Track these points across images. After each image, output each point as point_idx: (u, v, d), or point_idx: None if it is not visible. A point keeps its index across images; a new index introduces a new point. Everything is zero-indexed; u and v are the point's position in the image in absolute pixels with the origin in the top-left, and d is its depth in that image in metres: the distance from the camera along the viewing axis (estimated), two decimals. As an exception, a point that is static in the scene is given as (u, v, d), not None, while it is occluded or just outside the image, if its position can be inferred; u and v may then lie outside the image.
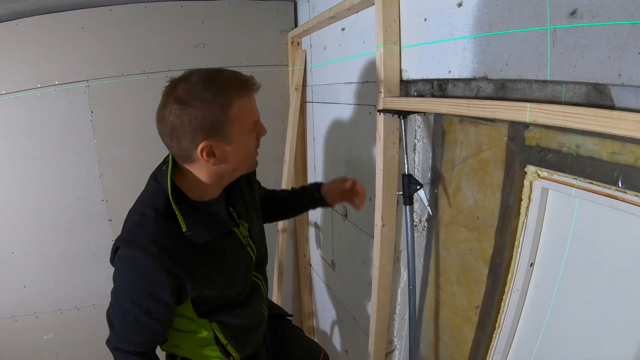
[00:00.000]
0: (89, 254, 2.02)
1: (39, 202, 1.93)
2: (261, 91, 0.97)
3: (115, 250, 0.87)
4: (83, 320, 2.08)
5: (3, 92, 1.81)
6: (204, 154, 0.82)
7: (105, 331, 2.27)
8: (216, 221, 0.93)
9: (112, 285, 2.08)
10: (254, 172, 1.15)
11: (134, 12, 1.86)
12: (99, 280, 2.04)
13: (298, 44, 2.01)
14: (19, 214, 1.92)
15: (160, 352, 0.99)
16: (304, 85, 2.02)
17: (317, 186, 1.30)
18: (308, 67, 1.97)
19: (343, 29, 1.53)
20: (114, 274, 0.89)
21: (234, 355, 1.03)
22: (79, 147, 1.91)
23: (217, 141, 0.82)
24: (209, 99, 0.79)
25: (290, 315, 1.38)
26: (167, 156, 0.92)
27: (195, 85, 0.79)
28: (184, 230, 0.84)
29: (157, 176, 0.90)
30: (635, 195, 0.67)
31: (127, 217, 0.89)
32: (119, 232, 2.07)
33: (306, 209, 1.39)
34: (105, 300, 2.11)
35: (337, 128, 1.70)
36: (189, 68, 1.96)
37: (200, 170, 0.88)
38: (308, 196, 1.29)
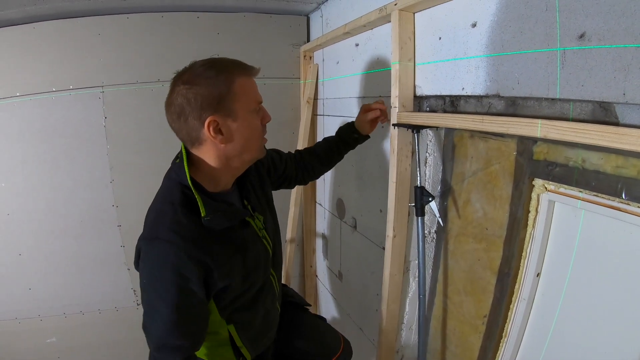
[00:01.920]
0: (96, 259, 2.03)
1: (48, 206, 1.95)
2: (272, 103, 1.07)
3: (138, 252, 0.87)
4: (87, 325, 2.08)
5: (17, 94, 1.84)
6: (211, 130, 0.85)
7: (108, 336, 2.27)
8: (232, 209, 0.94)
9: (117, 291, 2.09)
10: (266, 167, 1.18)
11: (151, 21, 1.91)
12: (105, 286, 2.07)
13: (310, 57, 2.07)
14: (28, 216, 1.94)
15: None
16: (315, 98, 2.07)
17: (350, 127, 1.35)
18: (319, 80, 2.02)
19: (357, 45, 1.59)
20: (140, 278, 0.88)
21: (245, 355, 1.03)
22: (92, 152, 1.94)
23: (223, 117, 0.85)
24: (213, 76, 0.84)
25: (308, 305, 1.37)
26: (179, 152, 0.95)
27: (199, 67, 0.86)
28: (202, 214, 0.84)
29: (170, 173, 0.94)
30: (638, 207, 0.71)
31: (145, 218, 0.91)
32: (128, 238, 2.10)
33: (347, 151, 1.42)
34: (111, 306, 2.13)
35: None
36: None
37: (209, 152, 0.89)
38: (347, 139, 1.35)
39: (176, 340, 0.85)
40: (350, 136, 1.35)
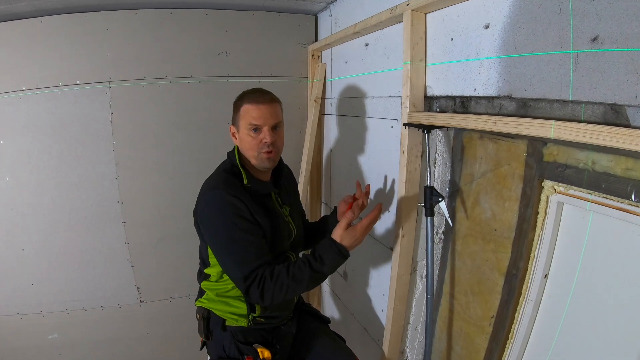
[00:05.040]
0: (100, 255, 2.02)
1: (53, 201, 1.94)
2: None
3: (197, 210, 1.20)
4: (90, 321, 2.07)
5: (24, 88, 1.83)
6: (231, 132, 1.27)
7: (111, 333, 2.27)
8: (263, 184, 1.26)
9: (121, 287, 2.20)
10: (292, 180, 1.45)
11: (159, 17, 1.90)
12: (109, 282, 2.06)
13: (318, 57, 2.07)
14: (33, 211, 1.93)
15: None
16: (323, 97, 2.07)
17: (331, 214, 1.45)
18: (327, 80, 2.02)
19: (367, 45, 1.59)
20: (208, 229, 1.18)
21: (257, 309, 1.23)
22: (97, 147, 1.93)
23: (235, 127, 1.25)
24: (237, 99, 1.25)
25: (329, 321, 1.50)
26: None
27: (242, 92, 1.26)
28: (245, 182, 1.19)
29: (225, 160, 1.29)
30: (647, 209, 0.72)
31: (203, 186, 1.23)
32: (132, 235, 2.12)
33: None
34: (114, 303, 2.14)
35: (356, 140, 1.74)
36: (211, 75, 2.01)
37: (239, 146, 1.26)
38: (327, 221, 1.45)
39: (250, 256, 1.11)
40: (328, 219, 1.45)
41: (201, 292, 1.33)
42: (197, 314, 1.30)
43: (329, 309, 2.28)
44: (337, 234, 1.13)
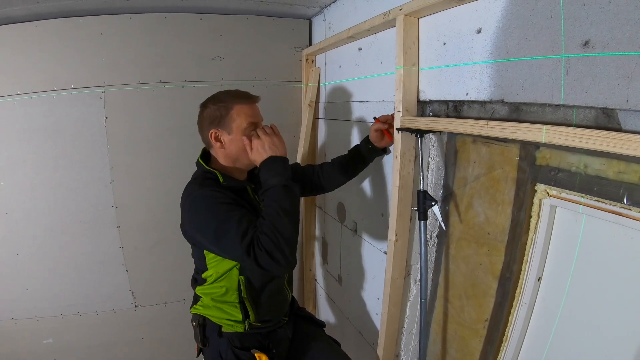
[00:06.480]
0: (95, 260, 2.01)
1: (48, 205, 1.93)
2: (274, 106, 1.24)
3: (184, 220, 1.19)
4: (85, 326, 2.06)
5: (18, 92, 1.82)
6: (213, 138, 1.20)
7: (105, 338, 2.26)
8: (240, 181, 1.27)
9: (116, 292, 2.26)
10: None
11: (154, 22, 1.90)
12: (104, 287, 2.05)
13: (312, 61, 2.07)
14: (27, 215, 1.92)
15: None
16: (317, 102, 2.07)
17: (365, 140, 1.46)
18: (321, 84, 2.02)
19: (360, 49, 1.59)
20: (198, 227, 1.15)
21: (250, 315, 1.23)
22: (92, 152, 1.92)
23: (221, 130, 1.20)
24: (217, 103, 1.20)
25: (324, 326, 1.52)
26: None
27: (214, 96, 1.24)
28: (221, 181, 1.19)
29: (195, 171, 1.29)
30: (639, 212, 0.72)
31: (182, 199, 1.21)
32: (127, 239, 2.13)
33: (366, 163, 1.50)
34: (109, 308, 2.13)
35: (349, 145, 1.72)
36: (205, 79, 2.01)
37: (218, 153, 1.24)
38: (362, 151, 1.46)
39: (242, 226, 1.06)
40: (364, 147, 1.45)
41: (196, 299, 1.32)
42: (193, 321, 1.30)
43: (324, 313, 2.28)
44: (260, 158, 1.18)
